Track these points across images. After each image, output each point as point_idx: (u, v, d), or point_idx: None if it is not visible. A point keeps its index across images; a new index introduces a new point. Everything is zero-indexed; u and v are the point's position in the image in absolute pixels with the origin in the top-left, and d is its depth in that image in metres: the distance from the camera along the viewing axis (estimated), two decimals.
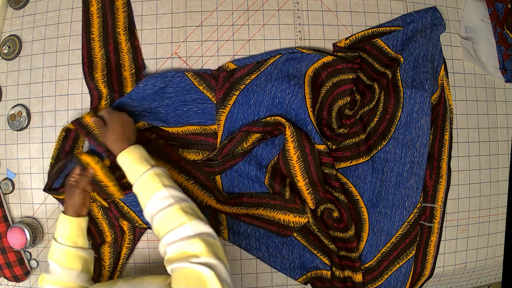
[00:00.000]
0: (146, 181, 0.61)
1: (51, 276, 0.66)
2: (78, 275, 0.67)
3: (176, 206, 0.57)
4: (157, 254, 0.82)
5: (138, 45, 0.84)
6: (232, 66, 0.84)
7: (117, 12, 0.84)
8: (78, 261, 0.67)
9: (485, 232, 0.92)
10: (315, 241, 0.83)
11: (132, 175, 0.64)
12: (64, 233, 0.69)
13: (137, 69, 0.83)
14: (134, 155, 0.65)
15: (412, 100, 0.86)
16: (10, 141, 0.85)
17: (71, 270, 0.66)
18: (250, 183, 0.82)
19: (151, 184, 0.61)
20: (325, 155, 0.80)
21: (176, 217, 0.56)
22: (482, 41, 0.92)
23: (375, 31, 0.88)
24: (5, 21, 0.88)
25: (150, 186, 0.61)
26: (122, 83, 0.83)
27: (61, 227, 0.69)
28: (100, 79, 0.82)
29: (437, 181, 0.88)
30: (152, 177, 0.61)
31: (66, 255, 0.67)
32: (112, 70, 0.83)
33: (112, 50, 0.84)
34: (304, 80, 0.81)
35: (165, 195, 0.59)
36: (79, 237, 0.70)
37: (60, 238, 0.68)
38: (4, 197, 0.84)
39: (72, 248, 0.68)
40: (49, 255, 0.68)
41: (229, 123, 0.82)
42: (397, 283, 0.87)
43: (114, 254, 0.80)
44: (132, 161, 0.64)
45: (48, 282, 0.66)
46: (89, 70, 0.83)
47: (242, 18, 0.86)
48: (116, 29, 0.84)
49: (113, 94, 0.81)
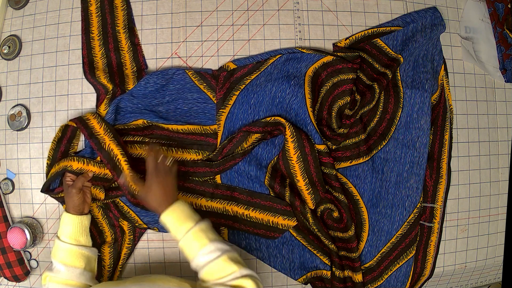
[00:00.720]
0: (192, 237, 0.64)
1: (54, 274, 0.67)
2: (81, 273, 0.68)
3: (224, 257, 0.61)
4: (157, 254, 0.82)
5: (138, 43, 0.84)
6: (232, 66, 0.84)
7: (116, 10, 0.84)
8: (81, 260, 0.68)
9: (485, 232, 0.92)
10: (315, 241, 0.83)
11: (177, 233, 0.65)
12: (66, 231, 0.70)
13: (139, 67, 0.84)
14: (178, 214, 0.66)
15: (412, 100, 0.86)
16: (10, 141, 0.85)
17: (74, 268, 0.67)
18: (250, 183, 0.82)
19: (197, 240, 0.64)
20: (325, 155, 0.80)
21: (225, 267, 0.60)
22: (482, 41, 0.92)
23: (375, 31, 0.88)
24: (5, 21, 0.88)
25: (196, 242, 0.63)
26: (124, 81, 0.83)
27: (63, 226, 0.71)
28: (102, 76, 0.82)
29: (437, 181, 0.88)
30: (198, 234, 0.64)
31: (69, 253, 0.68)
32: (113, 69, 0.83)
33: (113, 48, 0.84)
34: (304, 80, 0.81)
35: (212, 249, 0.62)
36: (82, 235, 0.71)
37: (63, 236, 0.69)
38: (4, 197, 0.84)
39: (75, 246, 0.69)
40: (52, 253, 0.69)
41: (229, 123, 0.82)
42: (397, 283, 0.87)
43: (114, 254, 0.80)
44: (176, 221, 0.65)
45: (51, 281, 0.67)
46: (90, 69, 0.83)
47: (242, 18, 0.86)
48: (115, 28, 0.84)
49: (115, 88, 0.81)
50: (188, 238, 0.64)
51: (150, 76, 0.81)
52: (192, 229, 0.64)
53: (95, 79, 0.82)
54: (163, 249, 0.82)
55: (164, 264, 0.82)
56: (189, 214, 0.67)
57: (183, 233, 0.64)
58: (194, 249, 0.63)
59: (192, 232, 0.64)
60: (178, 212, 0.66)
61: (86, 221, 0.72)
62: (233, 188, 0.82)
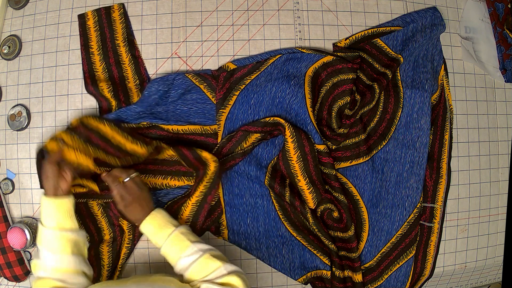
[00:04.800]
0: (174, 241, 0.65)
1: (41, 262, 0.63)
2: (69, 259, 0.63)
3: (206, 255, 0.62)
4: (157, 254, 0.82)
5: (139, 55, 0.84)
6: (232, 66, 0.84)
7: (114, 24, 0.84)
8: (67, 244, 0.64)
9: (485, 232, 0.92)
10: (315, 241, 0.83)
11: (158, 239, 0.66)
12: (48, 216, 0.65)
13: (141, 80, 0.83)
14: (157, 221, 0.67)
15: (412, 100, 0.86)
16: (10, 141, 0.85)
17: (61, 255, 0.63)
18: (250, 183, 0.82)
19: (179, 243, 0.65)
20: (325, 155, 0.80)
21: (209, 264, 0.61)
22: (482, 41, 0.92)
23: (375, 31, 0.88)
24: (5, 21, 0.88)
25: (178, 246, 0.65)
26: (128, 95, 0.82)
27: (43, 210, 0.65)
28: (105, 89, 0.81)
29: (437, 181, 0.88)
30: (178, 237, 0.65)
31: (54, 239, 0.63)
32: (116, 84, 0.83)
33: (114, 63, 0.83)
34: (304, 80, 0.81)
35: (194, 250, 0.63)
36: (66, 219, 0.65)
37: (45, 221, 0.64)
38: (4, 197, 0.84)
39: (58, 231, 0.64)
40: (37, 240, 0.65)
41: (229, 124, 0.82)
42: (397, 283, 0.87)
43: (113, 253, 0.80)
44: (155, 228, 0.67)
45: (40, 269, 0.63)
46: (92, 81, 0.82)
47: (242, 18, 0.86)
48: (115, 41, 0.84)
49: (120, 105, 0.81)
50: (170, 243, 0.65)
51: (152, 84, 0.81)
52: (172, 234, 0.65)
53: (98, 92, 0.82)
54: None
55: (164, 264, 0.82)
56: (167, 220, 0.68)
57: (164, 238, 0.65)
58: (177, 253, 0.64)
59: (172, 236, 0.65)
60: (157, 220, 0.67)
61: (69, 203, 0.66)
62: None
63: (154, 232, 0.67)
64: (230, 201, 0.83)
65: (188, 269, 0.62)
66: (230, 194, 0.83)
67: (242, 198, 0.83)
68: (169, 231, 0.66)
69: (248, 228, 0.83)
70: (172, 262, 0.65)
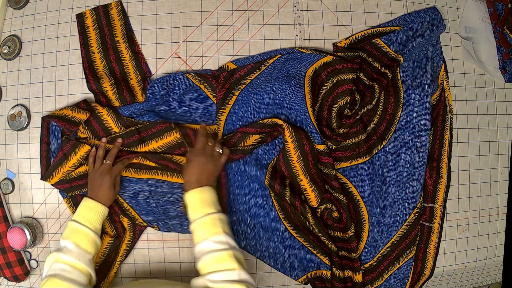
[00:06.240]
0: (209, 222, 0.65)
1: (63, 254, 0.65)
2: (90, 260, 0.67)
3: (230, 252, 0.61)
4: (157, 254, 0.82)
5: (139, 50, 0.84)
6: (232, 66, 0.84)
7: (113, 21, 0.84)
8: (93, 247, 0.68)
9: (485, 232, 0.92)
10: (315, 241, 0.83)
11: (195, 212, 0.66)
12: (87, 216, 0.69)
13: (143, 76, 0.83)
14: (204, 196, 0.67)
15: (412, 100, 0.86)
16: (10, 141, 0.85)
17: (86, 253, 0.67)
18: (250, 183, 0.82)
19: (213, 226, 0.64)
20: (325, 155, 0.80)
21: (227, 261, 0.60)
22: (482, 41, 0.92)
23: (375, 31, 0.88)
24: (5, 21, 0.88)
25: (211, 228, 0.64)
26: (133, 93, 0.82)
27: (86, 210, 0.70)
28: (109, 91, 0.82)
29: (437, 181, 0.88)
30: (215, 221, 0.65)
31: (85, 237, 0.68)
32: (119, 81, 0.83)
33: (114, 59, 0.83)
34: (304, 80, 0.81)
35: (222, 240, 0.63)
36: (99, 224, 0.71)
37: (83, 220, 0.69)
38: (4, 197, 0.84)
39: (92, 232, 0.69)
40: (65, 235, 0.68)
41: (229, 123, 0.82)
42: (397, 283, 0.87)
43: (112, 246, 0.79)
44: (199, 201, 0.67)
45: (58, 261, 0.65)
46: (94, 79, 0.82)
47: (242, 18, 0.86)
48: (115, 38, 0.84)
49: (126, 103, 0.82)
50: (205, 221, 0.64)
51: (152, 85, 0.81)
52: (212, 215, 0.65)
53: (100, 89, 0.82)
54: (163, 249, 0.82)
55: (164, 264, 0.82)
56: (214, 201, 0.68)
57: (202, 214, 0.65)
58: (206, 234, 0.63)
59: (211, 217, 0.64)
60: (205, 195, 0.67)
61: (107, 211, 0.72)
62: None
63: (196, 205, 0.66)
64: (230, 201, 0.83)
65: (206, 256, 0.61)
66: (230, 194, 0.83)
67: (242, 198, 0.83)
68: (210, 211, 0.65)
69: (248, 228, 0.83)
70: (197, 240, 0.64)
